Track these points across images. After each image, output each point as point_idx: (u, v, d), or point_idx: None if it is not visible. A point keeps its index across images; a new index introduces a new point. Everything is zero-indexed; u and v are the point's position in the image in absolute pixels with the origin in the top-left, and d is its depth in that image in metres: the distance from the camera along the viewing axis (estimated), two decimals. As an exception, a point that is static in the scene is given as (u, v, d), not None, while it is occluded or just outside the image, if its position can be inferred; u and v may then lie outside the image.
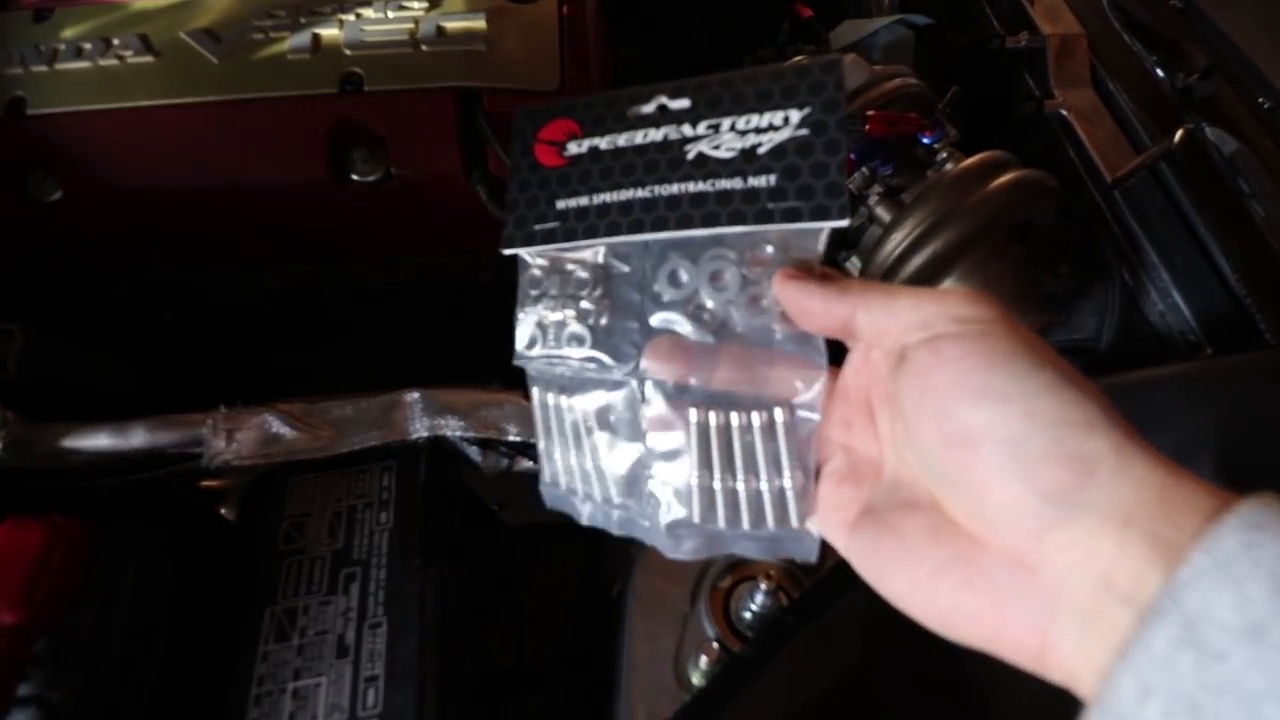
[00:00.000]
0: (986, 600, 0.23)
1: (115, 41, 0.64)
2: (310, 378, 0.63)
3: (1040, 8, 0.78)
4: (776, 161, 0.29)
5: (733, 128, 0.30)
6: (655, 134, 0.32)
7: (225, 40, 0.64)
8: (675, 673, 0.48)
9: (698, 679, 0.47)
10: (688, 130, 0.31)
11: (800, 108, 0.29)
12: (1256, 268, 0.57)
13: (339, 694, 0.48)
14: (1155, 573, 0.20)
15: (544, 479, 0.35)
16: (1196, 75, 0.68)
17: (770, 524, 0.30)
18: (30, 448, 0.55)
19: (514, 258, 0.34)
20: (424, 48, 0.63)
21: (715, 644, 0.47)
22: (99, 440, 0.56)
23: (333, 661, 0.50)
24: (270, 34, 0.64)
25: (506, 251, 0.34)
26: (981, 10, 0.82)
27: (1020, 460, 0.22)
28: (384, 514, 0.56)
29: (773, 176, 0.29)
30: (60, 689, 0.46)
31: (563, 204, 0.33)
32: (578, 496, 0.34)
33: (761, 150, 0.30)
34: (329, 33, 0.64)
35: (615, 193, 0.32)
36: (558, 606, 0.67)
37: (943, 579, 0.24)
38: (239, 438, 0.56)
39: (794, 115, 0.29)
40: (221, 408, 0.57)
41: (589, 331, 0.32)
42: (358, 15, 0.65)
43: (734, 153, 0.30)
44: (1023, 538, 0.22)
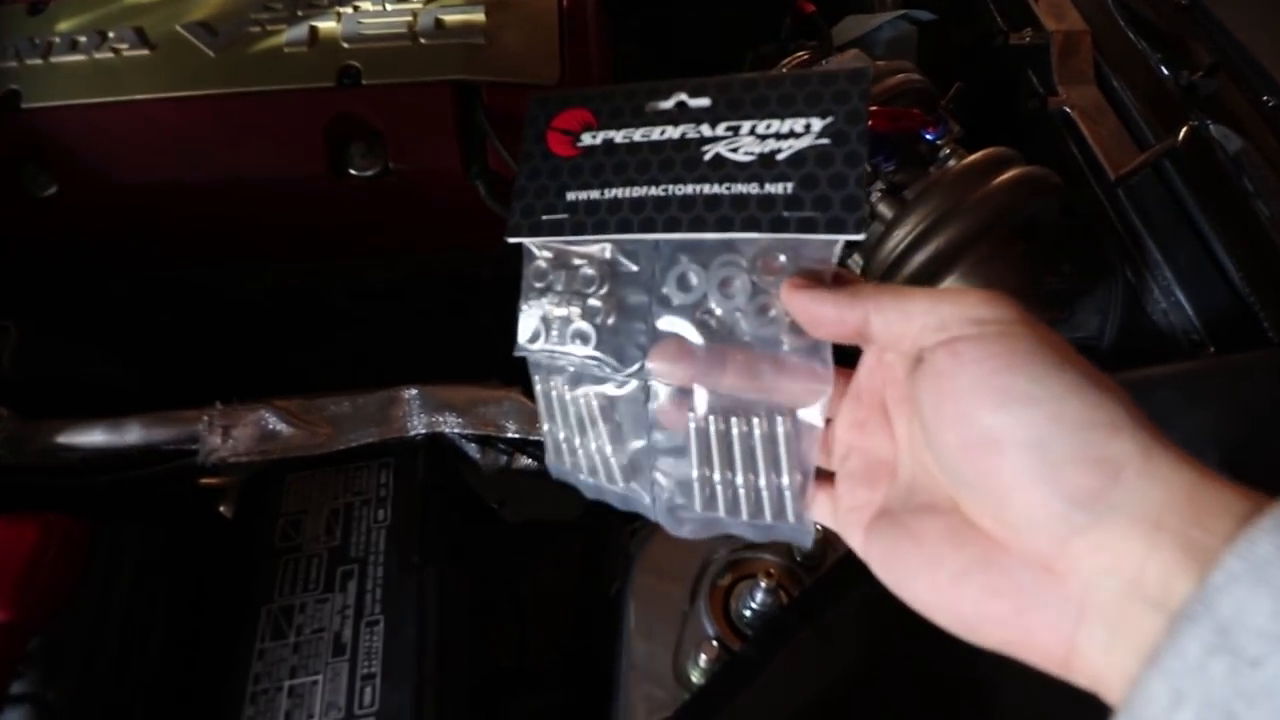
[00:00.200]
0: (1010, 605, 0.23)
1: (110, 34, 0.63)
2: (308, 374, 0.63)
3: (1044, 4, 0.78)
4: (794, 169, 0.29)
5: (752, 131, 0.30)
6: (673, 131, 0.31)
7: (221, 33, 0.63)
8: (675, 671, 0.48)
9: (697, 677, 0.47)
10: (706, 130, 0.31)
11: (823, 116, 0.29)
12: (1260, 266, 0.57)
13: (336, 692, 0.48)
14: (1186, 577, 0.19)
15: (549, 457, 0.36)
16: (1201, 73, 0.68)
17: (768, 517, 0.31)
18: (25, 445, 0.55)
19: (516, 252, 0.34)
20: (422, 41, 0.63)
21: (715, 643, 0.47)
22: (94, 437, 0.56)
23: (329, 660, 0.49)
24: (267, 27, 0.64)
25: (512, 240, 0.33)
26: (985, 6, 0.81)
27: (1045, 464, 0.22)
28: (381, 511, 0.56)
29: (790, 184, 0.29)
30: (55, 687, 0.46)
31: (573, 196, 0.32)
32: (582, 473, 0.35)
33: (780, 157, 0.29)
34: (326, 25, 0.64)
35: (628, 189, 0.31)
36: (558, 605, 0.67)
37: (965, 584, 0.24)
38: (235, 434, 0.56)
39: (816, 123, 0.29)
40: (218, 404, 0.57)
41: (594, 330, 0.32)
42: (355, 8, 0.65)
43: (752, 157, 0.30)
44: (1048, 542, 0.22)
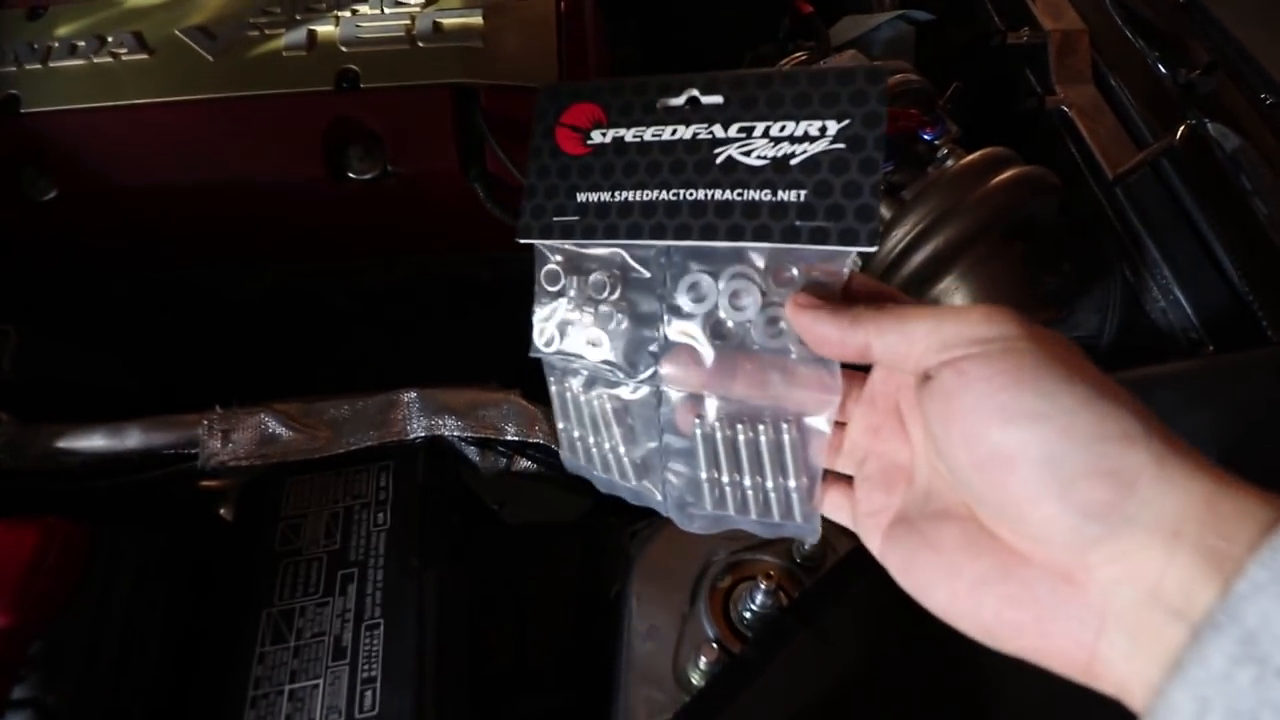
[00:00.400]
0: (1031, 614, 0.23)
1: (109, 39, 0.63)
2: (308, 376, 0.63)
3: (1042, 3, 0.78)
4: (808, 176, 0.28)
5: (766, 133, 0.29)
6: (684, 131, 0.31)
7: (220, 37, 0.63)
8: (675, 673, 0.48)
9: (697, 679, 0.47)
10: (718, 131, 0.30)
11: (839, 119, 0.28)
12: (1259, 264, 0.57)
13: (336, 696, 0.48)
14: (1208, 586, 0.19)
15: (563, 453, 0.36)
16: (1198, 71, 0.68)
17: (776, 516, 0.31)
18: (25, 448, 0.55)
19: (515, 254, 0.34)
20: (420, 44, 0.63)
21: (715, 644, 0.47)
22: (94, 441, 0.56)
23: (330, 663, 0.49)
24: (265, 31, 0.64)
25: (523, 241, 0.33)
26: (982, 6, 0.82)
27: (1058, 479, 0.22)
28: (381, 515, 0.56)
29: (803, 192, 0.28)
30: (56, 691, 0.46)
31: (583, 197, 0.32)
32: (596, 469, 0.35)
33: (794, 162, 0.29)
34: (325, 29, 0.64)
35: (639, 191, 0.31)
36: (558, 607, 0.67)
37: (985, 593, 0.24)
38: (235, 438, 0.55)
39: (831, 127, 0.28)
40: (217, 408, 0.57)
41: (607, 337, 0.32)
42: (354, 12, 0.65)
43: (765, 161, 0.29)
44: (1065, 554, 0.22)
